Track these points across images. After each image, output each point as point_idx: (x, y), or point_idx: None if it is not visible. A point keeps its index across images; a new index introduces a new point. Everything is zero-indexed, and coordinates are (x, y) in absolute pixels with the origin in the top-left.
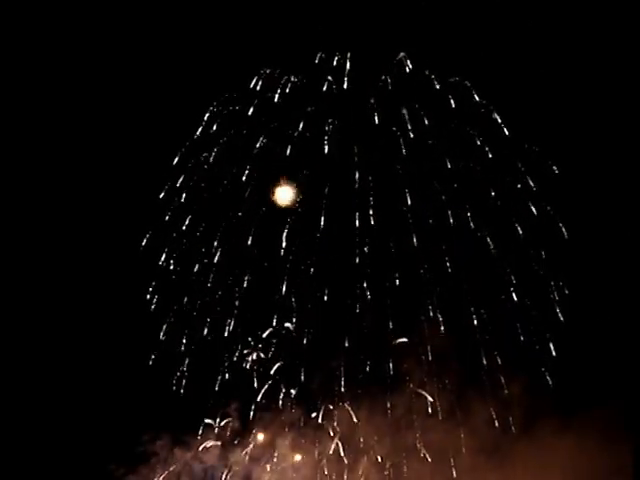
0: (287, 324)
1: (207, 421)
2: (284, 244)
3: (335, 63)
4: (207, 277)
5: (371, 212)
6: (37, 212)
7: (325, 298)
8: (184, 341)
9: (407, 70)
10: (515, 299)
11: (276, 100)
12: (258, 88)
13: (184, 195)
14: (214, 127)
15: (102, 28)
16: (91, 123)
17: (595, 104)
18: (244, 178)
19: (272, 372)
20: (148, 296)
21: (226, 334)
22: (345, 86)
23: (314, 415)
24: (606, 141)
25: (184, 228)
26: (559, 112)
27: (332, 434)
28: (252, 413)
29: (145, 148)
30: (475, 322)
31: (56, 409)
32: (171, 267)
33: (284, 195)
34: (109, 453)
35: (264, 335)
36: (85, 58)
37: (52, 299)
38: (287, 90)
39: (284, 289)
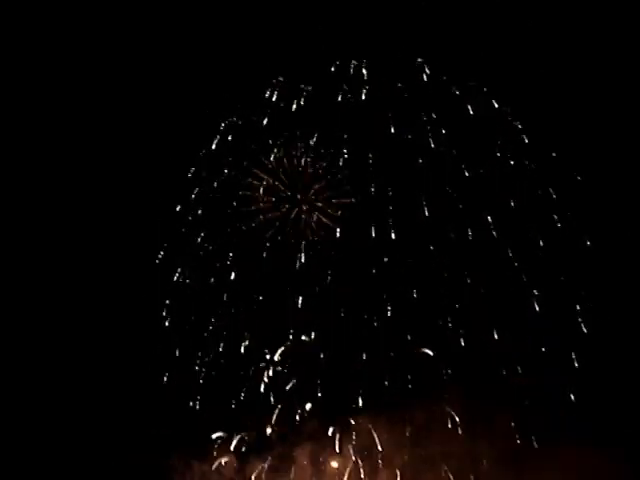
0: (304, 337)
1: (224, 435)
2: (303, 258)
3: (351, 71)
4: (222, 292)
5: (389, 223)
6: (54, 227)
7: (342, 311)
8: (199, 354)
9: (424, 77)
10: (537, 309)
11: (292, 110)
12: (274, 98)
13: (199, 210)
14: (229, 138)
15: (121, 43)
16: (108, 137)
17: (618, 111)
18: (261, 191)
19: (289, 387)
20: (164, 312)
21: (242, 350)
22: (361, 94)
23: (332, 429)
24: (631, 149)
25: (199, 241)
26: (581, 118)
27: (350, 448)
28: (269, 427)
29: (160, 161)
30: (496, 335)
31: (73, 427)
32: (186, 282)
33: None
34: (127, 468)
35: (280, 350)
36: (105, 74)
37: (68, 315)
38: (302, 100)
39: (300, 302)
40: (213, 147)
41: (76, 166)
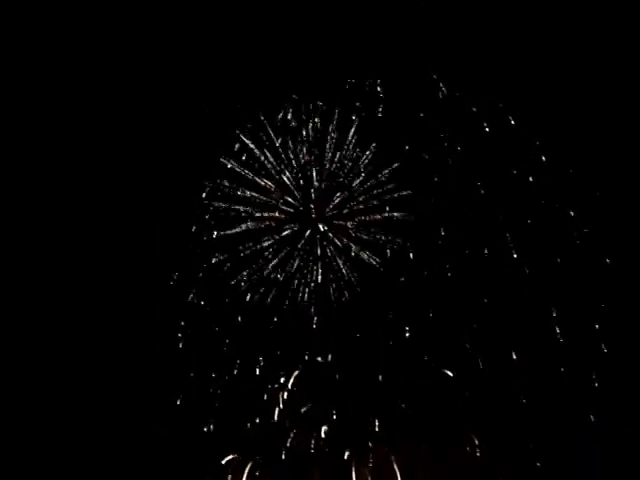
0: (319, 359)
1: (238, 458)
2: (319, 277)
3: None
4: (237, 313)
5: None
6: (66, 245)
7: (358, 332)
8: (213, 375)
9: (440, 95)
10: (557, 331)
11: (306, 129)
12: (289, 117)
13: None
14: (243, 158)
15: (137, 59)
16: (126, 156)
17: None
18: (277, 213)
19: (304, 410)
20: (179, 334)
21: (257, 372)
22: (376, 112)
23: (347, 453)
24: None
25: (213, 262)
26: (600, 135)
27: (367, 472)
28: (284, 451)
29: (174, 182)
30: (514, 356)
31: (84, 447)
32: (201, 303)
33: None
34: None
35: (295, 373)
36: (120, 93)
37: (80, 334)
38: (316, 119)
39: (315, 323)
40: (228, 165)
41: (94, 183)
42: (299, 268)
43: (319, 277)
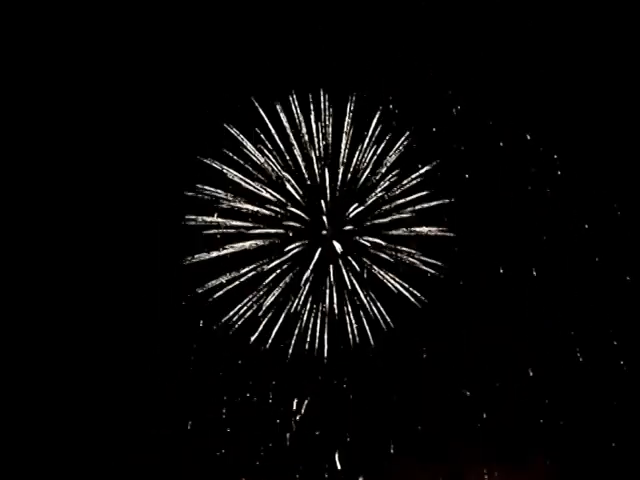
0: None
1: None
2: (334, 301)
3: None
4: (248, 336)
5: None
6: (81, 277)
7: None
8: (225, 399)
9: (454, 112)
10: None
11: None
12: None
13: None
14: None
15: (146, 67)
16: (115, 165)
17: None
18: (291, 234)
19: (317, 433)
20: (192, 357)
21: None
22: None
23: (362, 478)
24: None
25: (224, 282)
26: (616, 150)
27: None
28: (297, 475)
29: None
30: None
31: (84, 447)
32: (213, 328)
33: None
34: None
35: (308, 398)
36: (131, 109)
37: (95, 358)
38: (322, 142)
39: (326, 348)
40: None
41: (95, 189)
42: (307, 297)
43: (334, 311)
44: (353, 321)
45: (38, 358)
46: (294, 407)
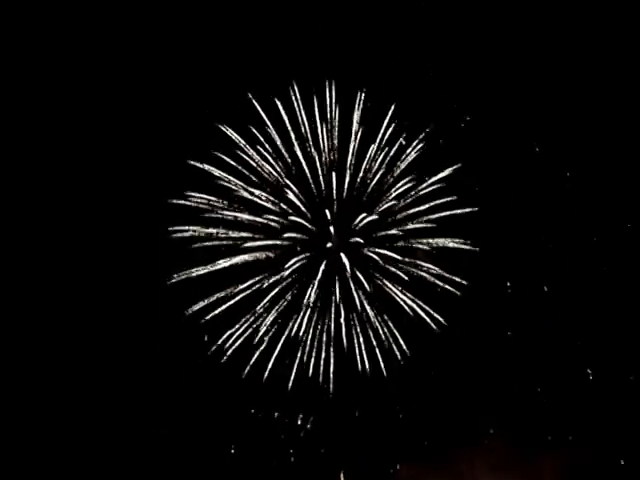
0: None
1: None
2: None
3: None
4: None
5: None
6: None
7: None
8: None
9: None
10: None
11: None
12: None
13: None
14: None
15: (152, 70)
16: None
17: None
18: (294, 246)
19: (322, 451)
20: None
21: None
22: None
23: None
24: None
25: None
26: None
27: None
28: None
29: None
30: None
31: (84, 447)
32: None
33: None
34: None
35: (314, 416)
36: (136, 114)
37: (95, 360)
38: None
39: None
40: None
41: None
42: (310, 319)
43: (341, 335)
44: (362, 347)
45: (39, 361)
46: (299, 422)
